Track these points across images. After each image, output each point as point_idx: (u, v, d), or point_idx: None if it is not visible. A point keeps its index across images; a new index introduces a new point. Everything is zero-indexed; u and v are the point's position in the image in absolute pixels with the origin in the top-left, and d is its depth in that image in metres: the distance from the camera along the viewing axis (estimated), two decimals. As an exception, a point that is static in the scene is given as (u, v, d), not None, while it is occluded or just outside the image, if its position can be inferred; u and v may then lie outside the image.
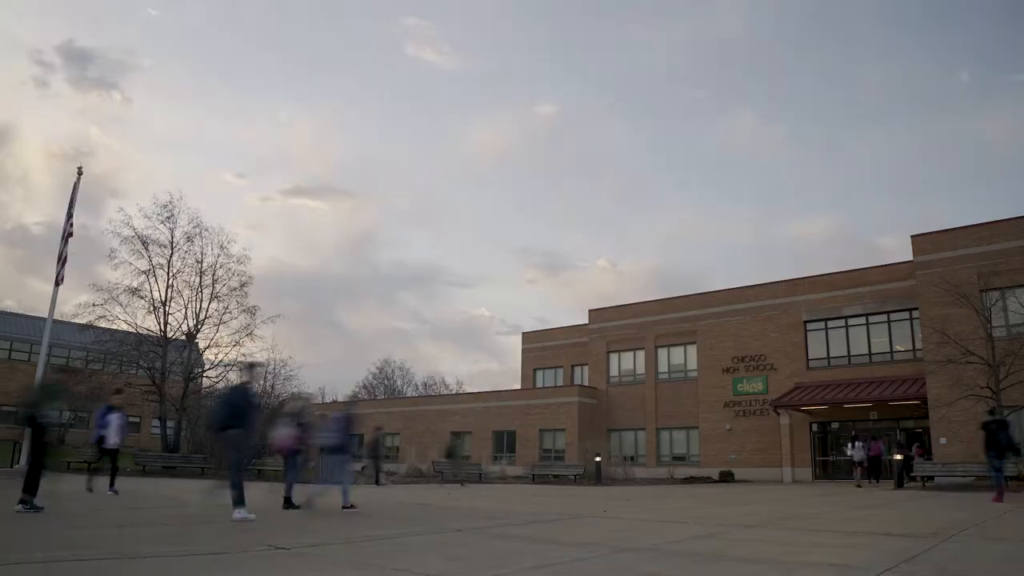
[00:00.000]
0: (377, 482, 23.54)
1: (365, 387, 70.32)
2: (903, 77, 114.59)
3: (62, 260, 22.67)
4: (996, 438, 15.57)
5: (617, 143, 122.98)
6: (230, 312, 34.34)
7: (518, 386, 47.27)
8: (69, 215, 23.30)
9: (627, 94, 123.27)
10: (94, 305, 32.21)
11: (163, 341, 33.37)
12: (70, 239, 23.05)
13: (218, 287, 34.16)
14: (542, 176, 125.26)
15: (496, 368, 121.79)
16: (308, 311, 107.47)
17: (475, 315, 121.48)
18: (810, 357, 33.48)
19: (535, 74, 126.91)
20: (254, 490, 10.59)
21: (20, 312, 54.90)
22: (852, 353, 32.39)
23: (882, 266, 32.62)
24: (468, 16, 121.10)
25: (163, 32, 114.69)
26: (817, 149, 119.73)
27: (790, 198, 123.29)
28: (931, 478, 23.72)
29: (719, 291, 37.89)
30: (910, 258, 28.98)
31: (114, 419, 15.06)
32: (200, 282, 33.93)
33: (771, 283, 35.82)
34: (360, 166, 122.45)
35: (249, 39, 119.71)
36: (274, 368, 35.98)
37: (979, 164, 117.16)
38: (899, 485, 23.45)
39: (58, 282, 22.66)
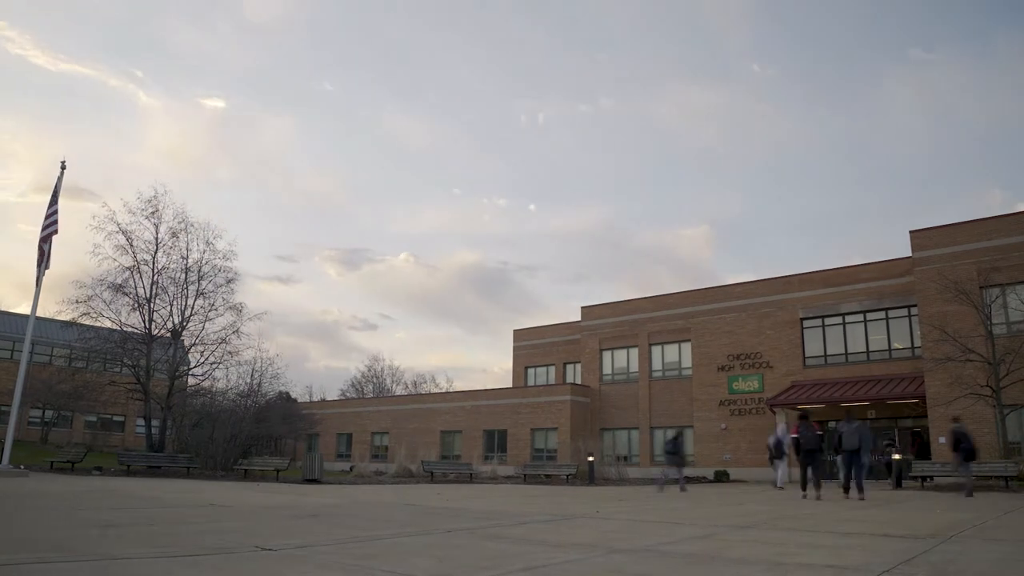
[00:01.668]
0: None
1: (354, 385, 69.85)
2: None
3: (45, 257, 21.79)
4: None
5: (293, 136, 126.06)
6: (216, 309, 33.83)
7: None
8: (51, 210, 22.38)
9: (271, 85, 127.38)
10: (77, 302, 31.53)
11: (148, 339, 32.80)
12: (54, 236, 22.19)
13: (204, 284, 33.67)
14: (241, 171, 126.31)
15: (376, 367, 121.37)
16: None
17: (321, 312, 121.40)
18: (807, 355, 33.14)
19: (162, 69, 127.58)
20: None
21: (1, 309, 53.99)
22: (849, 351, 32.05)
23: (879, 262, 32.28)
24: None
25: None
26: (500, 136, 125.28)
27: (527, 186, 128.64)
28: (930, 478, 23.36)
29: (713, 288, 37.55)
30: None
31: None
32: (185, 278, 33.41)
33: (766, 279, 35.52)
34: (76, 165, 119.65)
35: None
36: (261, 366, 35.35)
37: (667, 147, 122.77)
38: (897, 485, 23.12)
39: (39, 280, 21.87)
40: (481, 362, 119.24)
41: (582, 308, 42.41)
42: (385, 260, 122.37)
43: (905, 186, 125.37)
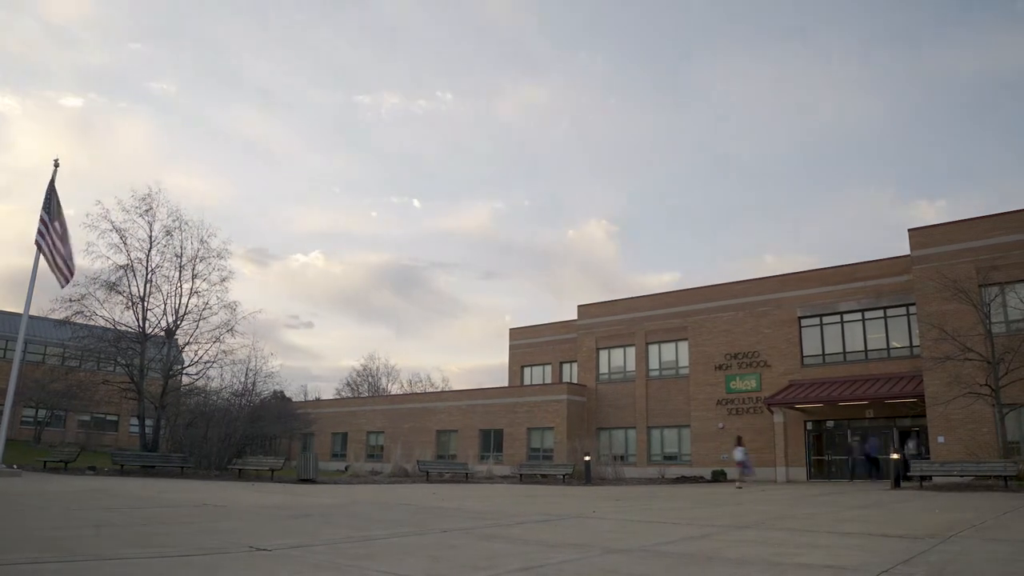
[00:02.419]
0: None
1: (349, 384, 69.61)
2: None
3: (61, 258, 21.20)
4: None
5: (151, 137, 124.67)
6: (210, 308, 33.56)
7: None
8: (48, 211, 21.76)
9: (114, 86, 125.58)
10: (71, 300, 31.25)
11: (142, 337, 32.55)
12: (47, 236, 21.65)
13: (198, 282, 33.43)
14: (110, 171, 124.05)
15: (319, 367, 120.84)
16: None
17: (256, 311, 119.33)
18: (805, 354, 33.02)
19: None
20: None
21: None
22: (848, 350, 31.93)
23: (877, 261, 32.19)
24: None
25: None
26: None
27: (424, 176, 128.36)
28: (929, 477, 23.27)
29: (710, 286, 37.42)
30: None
31: None
32: (179, 277, 33.17)
33: (763, 278, 35.44)
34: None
35: None
36: (255, 365, 35.10)
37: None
38: (896, 485, 23.02)
39: (65, 282, 21.45)
40: (434, 361, 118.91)
41: (579, 307, 42.31)
42: (292, 259, 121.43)
43: (786, 182, 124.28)
